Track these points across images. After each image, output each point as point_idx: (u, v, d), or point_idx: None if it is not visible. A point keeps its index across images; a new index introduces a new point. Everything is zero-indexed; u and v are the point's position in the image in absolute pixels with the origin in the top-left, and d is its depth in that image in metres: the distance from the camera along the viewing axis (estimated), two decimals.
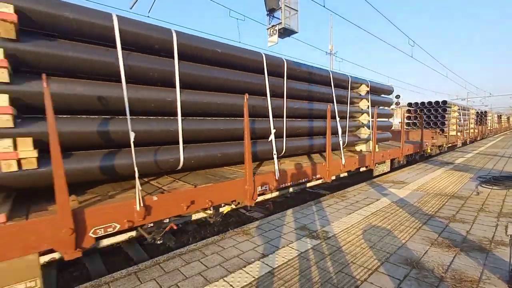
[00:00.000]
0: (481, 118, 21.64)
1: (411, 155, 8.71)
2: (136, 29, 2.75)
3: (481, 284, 2.05)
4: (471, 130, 17.56)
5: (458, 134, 14.41)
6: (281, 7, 6.25)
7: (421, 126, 9.76)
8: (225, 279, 2.18)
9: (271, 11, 6.49)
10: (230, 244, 2.82)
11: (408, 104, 14.64)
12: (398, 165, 7.67)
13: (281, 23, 6.32)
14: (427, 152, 10.28)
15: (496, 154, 10.17)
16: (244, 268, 2.33)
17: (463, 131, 15.53)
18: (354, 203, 4.18)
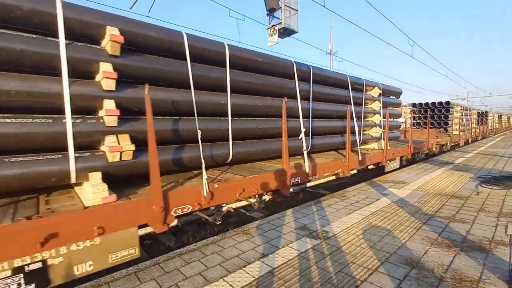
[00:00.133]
0: (482, 118, 21.95)
1: (418, 153, 9.05)
2: (198, 43, 3.27)
3: (481, 284, 2.05)
4: (473, 130, 17.94)
5: (461, 134, 14.71)
6: (281, 7, 6.24)
7: (427, 126, 10.08)
8: (225, 279, 2.18)
9: (271, 11, 6.49)
10: (230, 244, 2.82)
11: (413, 105, 14.92)
12: (406, 162, 8.00)
13: (281, 23, 6.31)
14: (432, 150, 10.56)
15: (496, 154, 10.18)
16: (244, 268, 2.33)
17: (465, 131, 15.86)
18: (354, 203, 4.18)
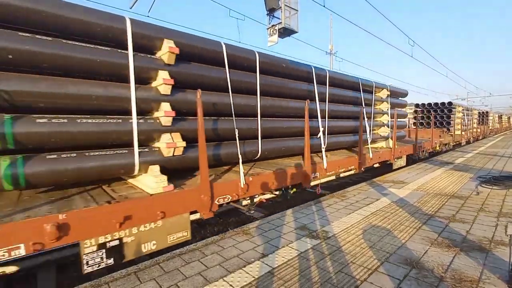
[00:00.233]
0: (483, 118, 22.28)
1: (423, 152, 9.40)
2: (234, 52, 3.64)
3: (480, 284, 2.05)
4: (474, 130, 18.32)
5: (463, 133, 15.05)
6: (281, 7, 6.24)
7: (431, 125, 10.41)
8: (224, 279, 2.18)
9: (271, 11, 6.48)
10: (230, 244, 2.83)
11: (416, 105, 15.22)
12: (411, 161, 8.35)
13: (281, 22, 6.31)
14: (436, 149, 10.87)
15: (496, 154, 10.18)
16: (244, 268, 2.33)
17: (467, 131, 16.20)
18: (354, 203, 4.18)
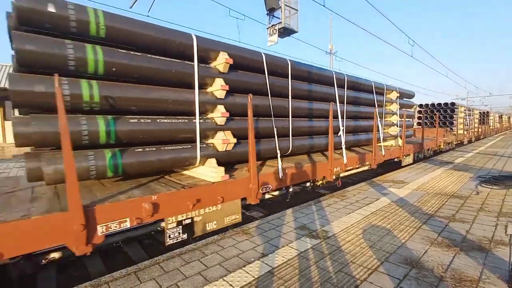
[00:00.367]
0: (483, 118, 22.78)
1: (428, 150, 9.93)
2: (271, 60, 4.19)
3: (480, 283, 2.05)
4: (476, 129, 18.93)
5: (465, 133, 15.60)
6: (281, 7, 6.24)
7: (436, 125, 10.86)
8: (224, 278, 2.18)
9: (271, 11, 6.48)
10: (230, 243, 2.82)
11: (419, 105, 15.65)
12: (417, 158, 8.79)
13: (281, 22, 6.30)
14: (440, 148, 11.34)
15: (496, 154, 10.18)
16: (244, 268, 2.33)
17: (469, 130, 16.75)
18: (354, 203, 4.18)
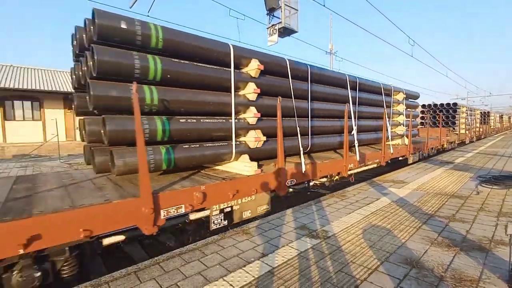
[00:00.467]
0: (484, 118, 23.24)
1: (432, 149, 10.39)
2: (294, 66, 4.60)
3: (481, 283, 2.05)
4: (477, 129, 19.44)
5: (467, 132, 16.06)
6: (281, 6, 6.23)
7: (439, 125, 11.18)
8: (224, 278, 2.18)
9: (271, 10, 6.48)
10: (230, 243, 2.82)
11: (422, 106, 16.04)
12: (422, 157, 9.16)
13: (281, 22, 6.30)
14: (443, 147, 11.82)
15: (496, 154, 10.18)
16: (244, 268, 2.33)
17: (470, 130, 17.21)
18: (354, 203, 4.18)
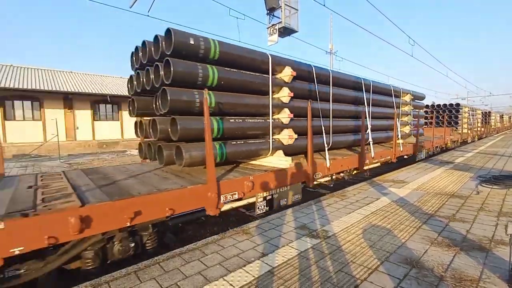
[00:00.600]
0: (485, 117, 23.82)
1: (436, 147, 10.96)
2: (318, 71, 5.28)
3: (481, 283, 2.05)
4: (478, 129, 20.16)
5: (468, 132, 16.70)
6: (281, 6, 6.23)
7: (444, 125, 11.65)
8: (225, 278, 2.18)
9: (271, 10, 6.47)
10: (230, 243, 2.82)
11: (426, 106, 16.53)
12: (427, 155, 9.71)
13: (281, 22, 6.30)
14: (446, 145, 12.35)
15: (496, 154, 10.17)
16: (244, 267, 2.33)
17: (472, 129, 17.87)
18: (354, 203, 4.18)
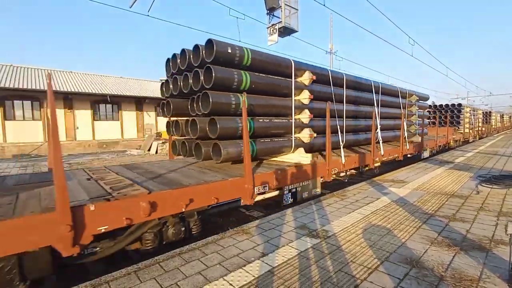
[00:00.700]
0: (486, 117, 24.36)
1: (439, 146, 11.35)
2: (334, 74, 5.74)
3: (481, 283, 2.05)
4: (479, 128, 20.74)
5: (470, 131, 17.18)
6: (281, 6, 6.23)
7: (447, 124, 12.04)
8: (225, 278, 2.18)
9: (271, 10, 6.47)
10: (230, 243, 2.83)
11: (428, 106, 16.89)
12: (431, 153, 10.08)
13: (281, 22, 6.30)
14: (449, 144, 12.74)
15: (496, 153, 10.17)
16: (244, 267, 2.33)
17: (473, 129, 18.40)
18: (354, 202, 4.18)
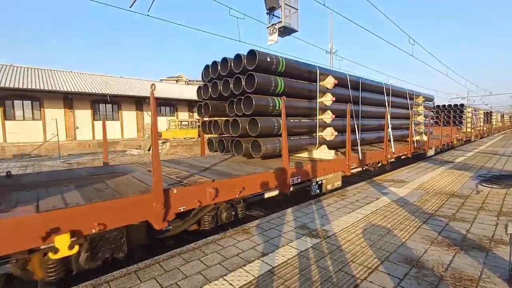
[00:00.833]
0: (487, 117, 24.96)
1: (443, 145, 11.80)
2: (351, 78, 6.12)
3: (481, 283, 2.05)
4: (481, 128, 21.41)
5: (472, 131, 17.79)
6: (281, 6, 6.22)
7: (450, 124, 12.59)
8: (225, 278, 2.19)
9: (271, 10, 6.46)
10: (230, 243, 2.83)
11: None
12: (436, 151, 10.56)
13: (281, 21, 6.29)
14: (452, 143, 13.53)
15: (496, 153, 10.17)
16: (244, 267, 2.34)
17: (475, 128, 19.05)
18: (354, 202, 4.18)
